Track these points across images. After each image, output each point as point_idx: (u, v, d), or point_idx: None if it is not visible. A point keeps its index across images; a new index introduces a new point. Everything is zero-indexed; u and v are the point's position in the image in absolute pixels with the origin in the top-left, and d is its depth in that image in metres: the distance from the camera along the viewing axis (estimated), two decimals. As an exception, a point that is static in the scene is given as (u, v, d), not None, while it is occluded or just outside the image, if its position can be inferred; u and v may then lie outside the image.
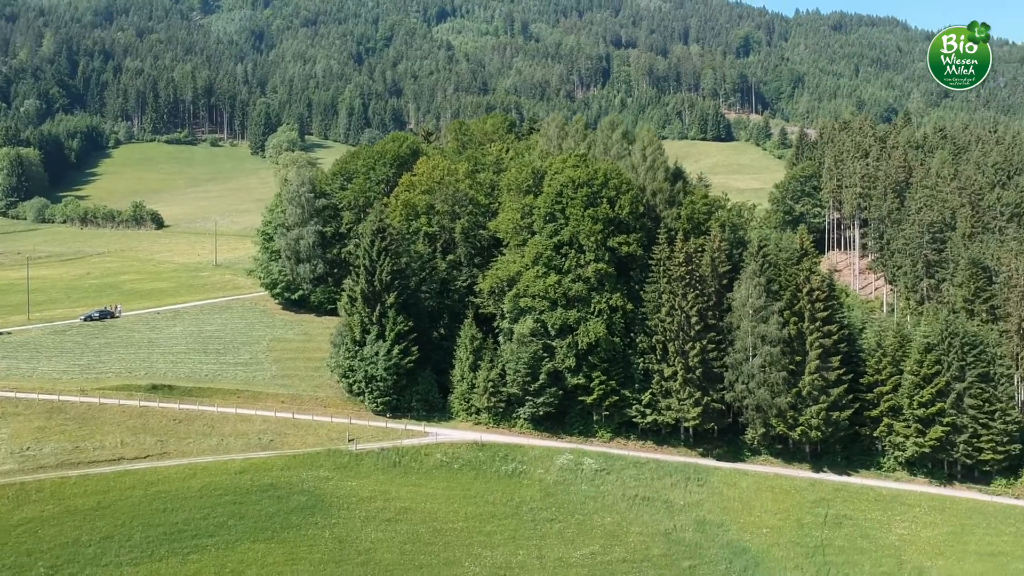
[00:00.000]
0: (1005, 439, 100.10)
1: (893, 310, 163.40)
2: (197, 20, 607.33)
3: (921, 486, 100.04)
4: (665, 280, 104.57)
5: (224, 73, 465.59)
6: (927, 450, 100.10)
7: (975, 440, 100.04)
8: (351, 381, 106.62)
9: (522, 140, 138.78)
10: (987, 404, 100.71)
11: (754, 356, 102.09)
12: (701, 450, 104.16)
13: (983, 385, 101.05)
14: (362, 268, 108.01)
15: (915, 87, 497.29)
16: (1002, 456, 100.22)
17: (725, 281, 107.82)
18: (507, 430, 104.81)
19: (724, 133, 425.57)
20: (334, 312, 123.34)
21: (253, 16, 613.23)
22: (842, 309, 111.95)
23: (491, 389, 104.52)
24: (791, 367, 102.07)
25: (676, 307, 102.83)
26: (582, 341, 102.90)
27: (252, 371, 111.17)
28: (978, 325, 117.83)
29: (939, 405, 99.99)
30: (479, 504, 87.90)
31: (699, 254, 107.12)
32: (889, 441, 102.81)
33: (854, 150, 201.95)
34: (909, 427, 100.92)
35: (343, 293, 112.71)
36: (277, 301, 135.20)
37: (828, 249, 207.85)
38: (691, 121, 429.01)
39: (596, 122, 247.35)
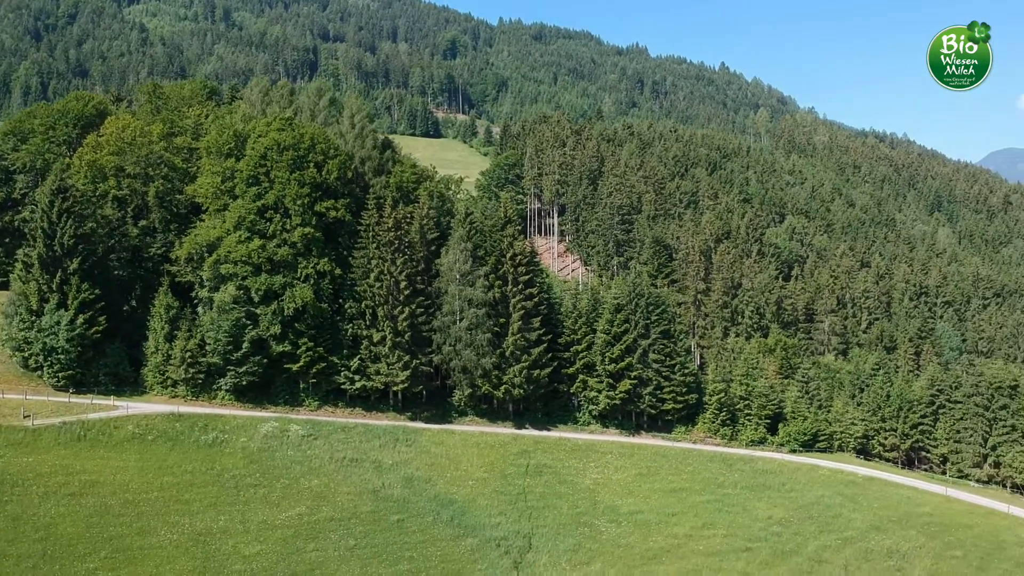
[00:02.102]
0: (684, 390, 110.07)
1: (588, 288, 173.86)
2: None
3: (613, 436, 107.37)
4: (374, 246, 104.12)
5: None
6: (617, 403, 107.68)
7: (659, 392, 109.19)
8: (27, 355, 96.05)
9: (223, 107, 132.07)
10: (668, 358, 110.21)
11: (461, 319, 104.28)
12: (410, 414, 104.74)
13: (665, 341, 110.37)
14: (40, 231, 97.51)
15: (607, 96, 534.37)
16: (681, 406, 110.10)
17: (434, 248, 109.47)
18: (207, 402, 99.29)
19: (433, 130, 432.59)
20: (6, 287, 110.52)
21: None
22: (543, 274, 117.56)
23: (189, 360, 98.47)
24: (496, 329, 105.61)
25: (385, 272, 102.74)
26: (288, 307, 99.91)
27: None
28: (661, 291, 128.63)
29: (628, 360, 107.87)
30: (176, 474, 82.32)
31: (408, 221, 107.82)
32: (584, 396, 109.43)
33: (553, 140, 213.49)
34: (602, 382, 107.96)
35: (17, 261, 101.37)
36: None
37: (530, 235, 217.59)
38: (400, 116, 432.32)
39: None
